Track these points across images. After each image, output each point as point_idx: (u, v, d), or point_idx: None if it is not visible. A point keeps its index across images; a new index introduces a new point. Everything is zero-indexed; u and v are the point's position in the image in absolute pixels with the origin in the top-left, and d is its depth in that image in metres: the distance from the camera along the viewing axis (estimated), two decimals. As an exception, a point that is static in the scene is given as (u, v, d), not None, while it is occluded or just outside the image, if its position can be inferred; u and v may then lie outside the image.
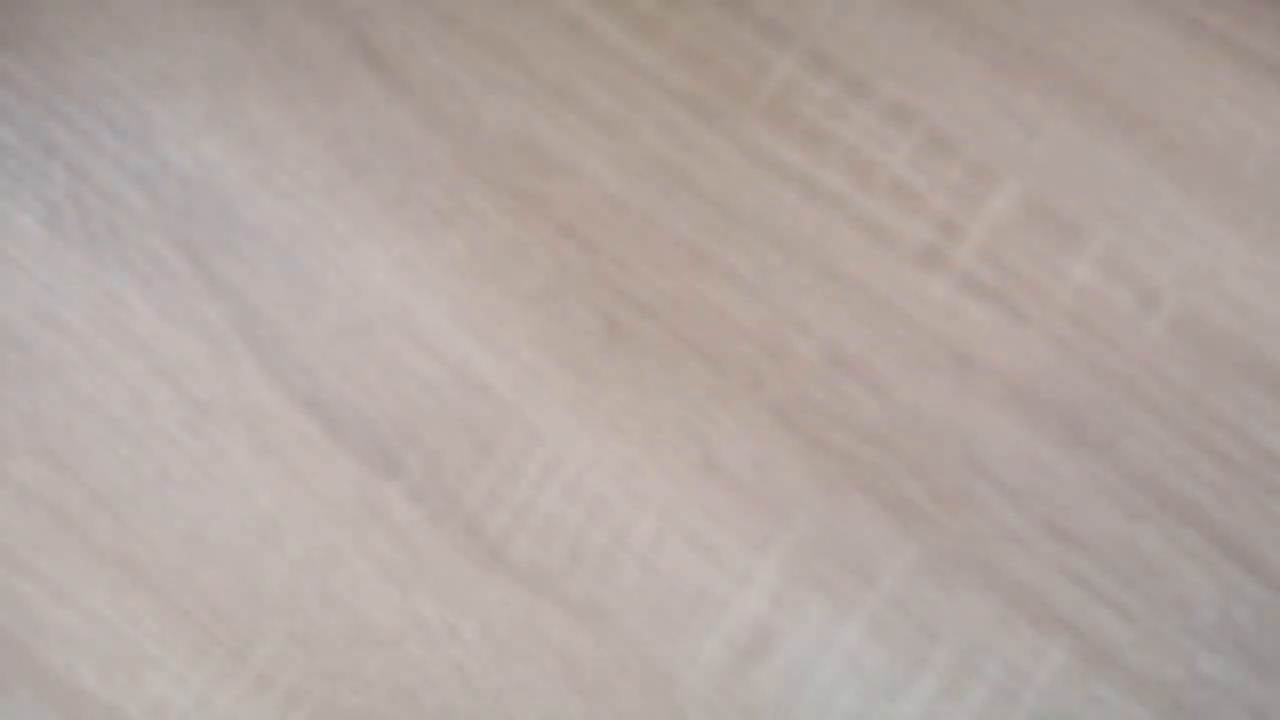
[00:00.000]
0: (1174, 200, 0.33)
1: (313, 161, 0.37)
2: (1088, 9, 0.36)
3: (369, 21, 0.38)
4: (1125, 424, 0.32)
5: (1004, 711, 0.32)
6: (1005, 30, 0.35)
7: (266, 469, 0.35)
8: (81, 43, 0.39)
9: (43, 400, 0.36)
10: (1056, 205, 0.33)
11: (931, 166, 0.34)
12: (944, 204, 0.33)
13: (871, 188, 0.34)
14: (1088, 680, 0.31)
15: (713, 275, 0.34)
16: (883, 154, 0.34)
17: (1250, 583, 0.31)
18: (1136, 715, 0.31)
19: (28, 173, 0.38)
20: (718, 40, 0.36)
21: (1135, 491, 0.32)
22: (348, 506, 0.34)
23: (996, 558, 0.32)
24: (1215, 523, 0.31)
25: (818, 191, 0.34)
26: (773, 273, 0.34)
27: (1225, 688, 0.31)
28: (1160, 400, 0.32)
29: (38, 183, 0.38)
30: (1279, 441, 0.32)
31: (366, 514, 0.34)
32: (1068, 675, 0.31)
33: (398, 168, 0.36)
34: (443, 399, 0.34)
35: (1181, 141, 0.33)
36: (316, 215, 0.37)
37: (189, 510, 0.35)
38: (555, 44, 0.37)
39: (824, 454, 0.33)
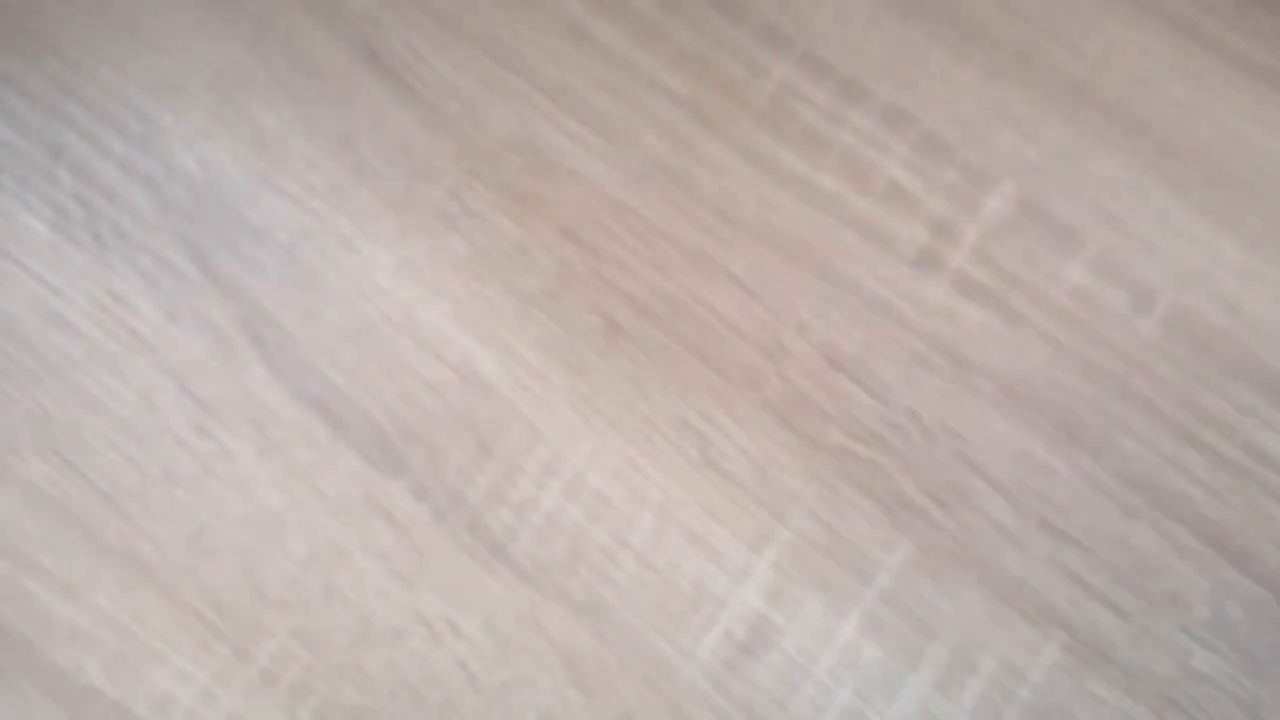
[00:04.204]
0: (1167, 202, 0.33)
1: (317, 164, 0.37)
2: (1082, 13, 0.36)
3: (373, 26, 0.38)
4: (1119, 423, 0.32)
5: (999, 707, 0.32)
6: (1000, 34, 0.36)
7: (271, 468, 0.35)
8: (88, 47, 0.39)
9: (49, 400, 0.36)
10: (1051, 207, 0.33)
11: (927, 169, 0.34)
12: (940, 206, 0.34)
13: (868, 190, 0.34)
14: (1082, 676, 0.31)
15: (711, 276, 0.34)
16: (879, 157, 0.34)
17: (1243, 580, 0.31)
18: (1130, 711, 0.31)
19: (35, 175, 0.38)
20: (716, 44, 0.36)
21: (1128, 489, 0.32)
22: (351, 505, 0.35)
23: (991, 555, 0.32)
24: (1208, 520, 0.32)
25: (814, 194, 0.34)
26: (770, 274, 0.34)
27: (1218, 684, 0.31)
28: (1153, 399, 0.32)
29: (44, 185, 0.38)
30: (1271, 440, 0.32)
31: (370, 512, 0.34)
32: (1062, 671, 0.32)
33: (401, 170, 0.36)
34: (445, 398, 0.35)
35: (1175, 144, 0.33)
36: (320, 217, 0.37)
37: (194, 508, 0.35)
38: (556, 48, 0.37)
39: (821, 452, 0.33)
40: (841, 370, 0.33)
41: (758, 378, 0.33)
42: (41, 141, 0.38)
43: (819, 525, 0.33)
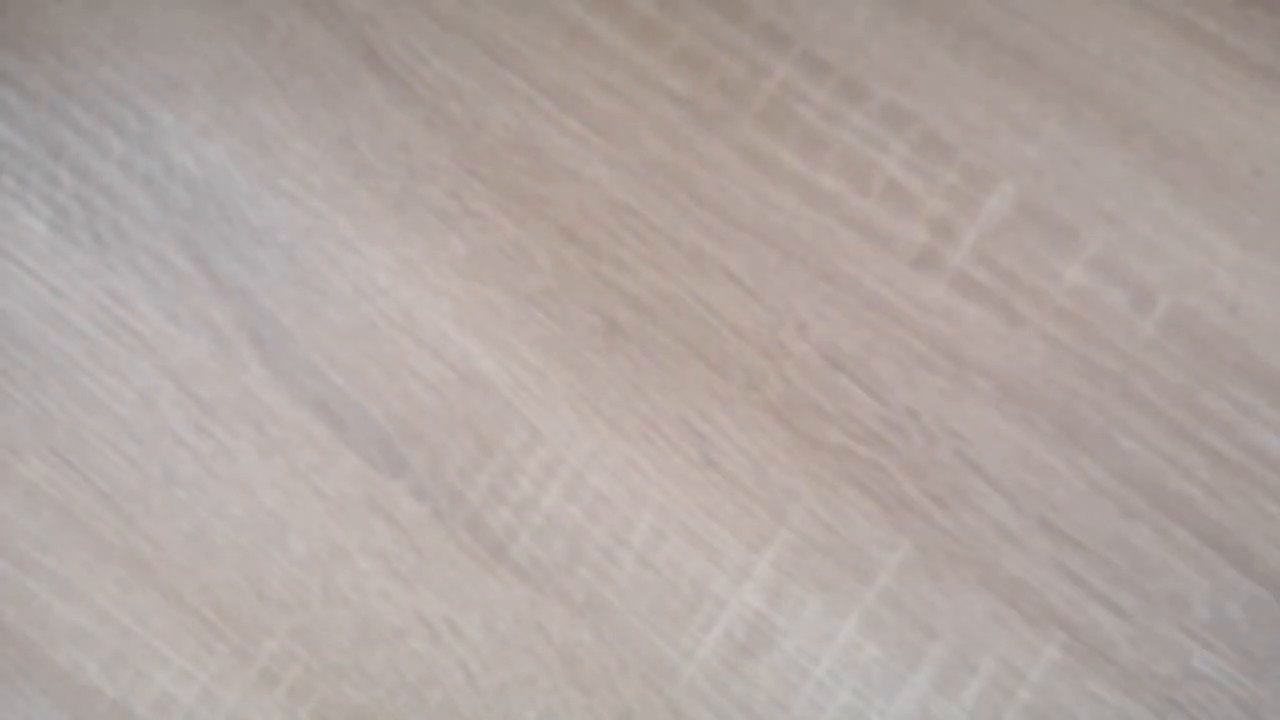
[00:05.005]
0: (1167, 202, 0.33)
1: (317, 164, 0.37)
2: (1082, 13, 0.36)
3: (373, 26, 0.38)
4: (1118, 422, 0.32)
5: (999, 707, 0.32)
6: (1000, 34, 0.36)
7: (271, 468, 0.35)
8: (88, 47, 0.39)
9: (49, 401, 0.36)
10: (1051, 207, 0.33)
11: (927, 169, 0.34)
12: (939, 206, 0.34)
13: (868, 190, 0.34)
14: (1082, 676, 0.31)
15: (711, 276, 0.34)
16: (879, 156, 0.34)
17: (1242, 580, 0.31)
18: (1131, 711, 0.31)
19: (35, 175, 0.38)
20: (716, 44, 0.36)
21: (1128, 489, 0.32)
22: (352, 505, 0.35)
23: (991, 555, 0.32)
24: (1207, 520, 0.32)
25: (814, 193, 0.34)
26: (770, 274, 0.34)
27: (1219, 684, 0.31)
28: (1153, 399, 0.32)
29: (44, 185, 0.38)
30: (1270, 440, 0.32)
31: (370, 512, 0.35)
32: (1062, 671, 0.32)
33: (400, 171, 0.36)
34: (445, 399, 0.35)
35: (1175, 144, 0.33)
36: (320, 217, 0.37)
37: (195, 509, 0.35)
38: (556, 48, 0.37)
39: (820, 452, 0.33)
40: (841, 370, 0.33)
41: (758, 378, 0.33)
42: (41, 141, 0.38)
43: (819, 525, 0.33)
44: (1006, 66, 0.35)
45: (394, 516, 0.34)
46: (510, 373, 0.34)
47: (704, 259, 0.34)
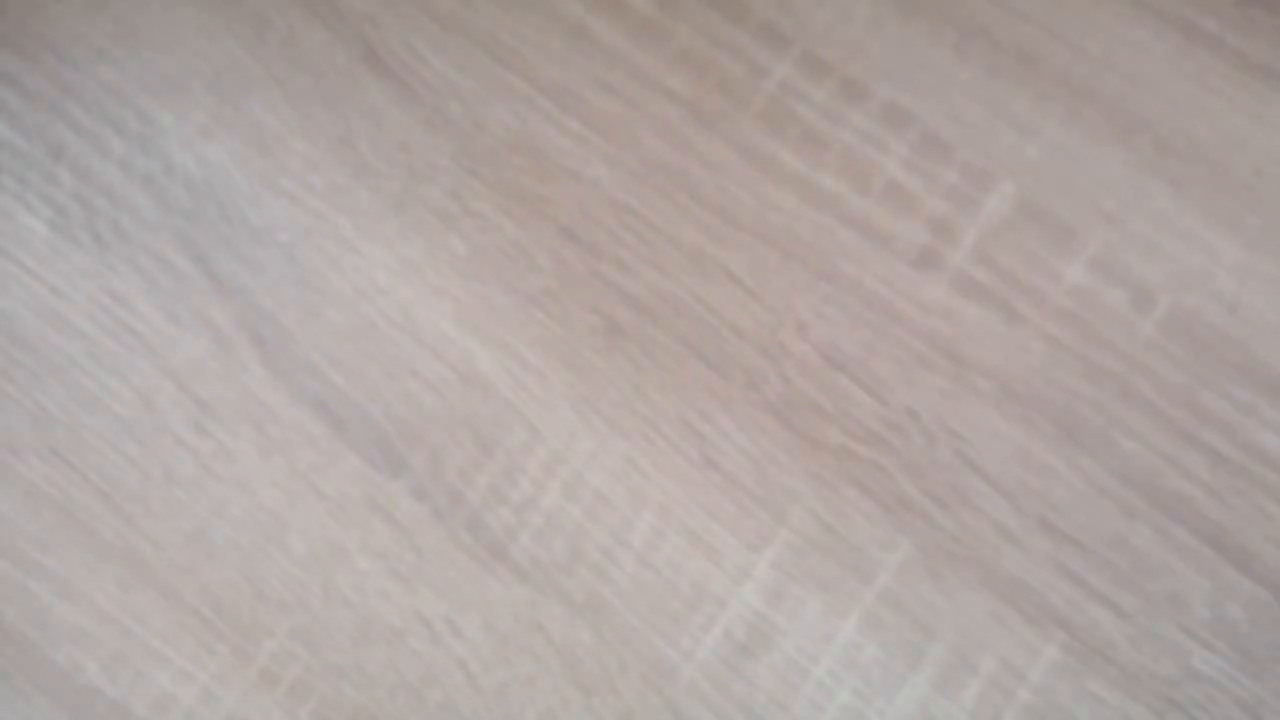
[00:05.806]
0: (1167, 202, 0.33)
1: (317, 164, 0.37)
2: (1082, 13, 0.36)
3: (373, 26, 0.38)
4: (1118, 422, 0.32)
5: (999, 707, 0.32)
6: (1000, 34, 0.36)
7: (271, 468, 0.35)
8: (88, 47, 0.39)
9: (49, 401, 0.37)
10: (1051, 207, 0.33)
11: (927, 169, 0.34)
12: (939, 206, 0.34)
13: (868, 190, 0.34)
14: (1082, 676, 0.32)
15: (711, 276, 0.34)
16: (879, 156, 0.34)
17: (1242, 580, 0.31)
18: (1131, 711, 0.31)
19: (34, 175, 0.38)
20: (716, 44, 0.36)
21: (1128, 489, 0.32)
22: (352, 505, 0.35)
23: (991, 555, 0.32)
24: (1207, 520, 0.32)
25: (814, 193, 0.34)
26: (770, 274, 0.34)
27: (1219, 684, 0.31)
28: (1153, 399, 0.32)
29: (44, 185, 0.38)
30: (1270, 440, 0.32)
31: (370, 512, 0.35)
32: (1062, 671, 0.32)
33: (400, 171, 0.36)
34: (445, 399, 0.35)
35: (1175, 144, 0.33)
36: (320, 217, 0.37)
37: (195, 509, 0.35)
38: (556, 48, 0.37)
39: (820, 452, 0.33)
40: (841, 370, 0.33)
41: (758, 378, 0.33)
42: (41, 141, 0.38)
43: (819, 525, 0.33)
44: (1006, 66, 0.35)
45: (394, 516, 0.34)
46: (510, 373, 0.35)
47: (704, 259, 0.34)
